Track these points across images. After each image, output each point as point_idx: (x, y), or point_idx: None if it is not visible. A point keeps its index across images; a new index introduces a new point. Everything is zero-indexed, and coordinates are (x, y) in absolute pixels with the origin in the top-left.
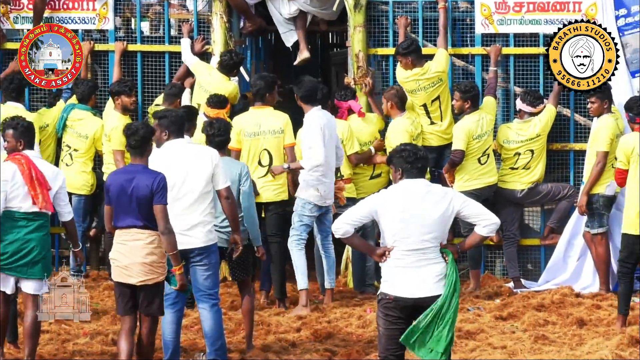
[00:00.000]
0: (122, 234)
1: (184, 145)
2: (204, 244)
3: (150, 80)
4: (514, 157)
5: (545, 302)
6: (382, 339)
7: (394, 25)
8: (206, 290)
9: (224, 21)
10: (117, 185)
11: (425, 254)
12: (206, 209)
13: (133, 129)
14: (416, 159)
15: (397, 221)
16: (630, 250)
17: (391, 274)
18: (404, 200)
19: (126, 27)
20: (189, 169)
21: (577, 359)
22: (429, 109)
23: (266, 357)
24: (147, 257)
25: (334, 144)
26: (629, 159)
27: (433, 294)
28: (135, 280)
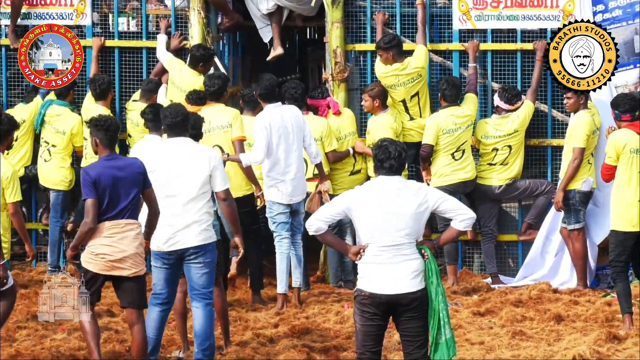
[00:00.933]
0: (110, 226)
1: (185, 143)
2: (199, 243)
3: (127, 76)
4: (492, 152)
5: (522, 297)
6: (359, 336)
7: (371, 21)
8: (200, 289)
9: (202, 17)
10: (105, 178)
11: (401, 250)
12: (202, 208)
13: (102, 121)
14: (391, 157)
15: (372, 218)
16: (621, 247)
17: (367, 270)
18: (378, 196)
19: (103, 22)
20: (185, 168)
21: (555, 355)
22: (408, 104)
23: (244, 353)
24: (139, 248)
25: (293, 141)
26: (619, 155)
27: (409, 291)
28: (127, 272)
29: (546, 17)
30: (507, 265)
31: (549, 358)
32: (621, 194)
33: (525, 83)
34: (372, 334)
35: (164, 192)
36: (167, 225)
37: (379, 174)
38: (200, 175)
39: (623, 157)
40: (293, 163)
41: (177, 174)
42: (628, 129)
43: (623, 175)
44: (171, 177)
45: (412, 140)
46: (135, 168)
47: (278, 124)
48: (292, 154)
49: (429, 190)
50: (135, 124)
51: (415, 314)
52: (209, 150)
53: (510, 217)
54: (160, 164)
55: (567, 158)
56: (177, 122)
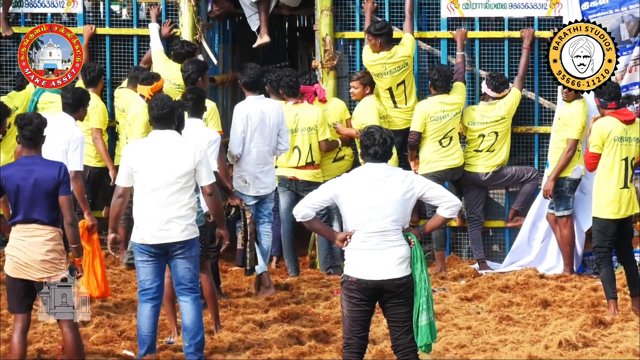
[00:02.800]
0: (21, 229)
1: (170, 136)
2: (185, 238)
3: (118, 64)
4: (478, 139)
5: (509, 283)
6: (346, 321)
7: (360, 9)
8: (187, 284)
9: (192, 5)
10: (14, 179)
11: (387, 236)
12: (188, 203)
13: (27, 119)
14: (375, 144)
15: (359, 205)
16: (603, 234)
17: (354, 256)
18: (365, 183)
19: (94, 10)
20: (169, 161)
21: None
22: (394, 92)
23: (234, 338)
24: (48, 254)
25: (269, 136)
26: (604, 143)
27: (395, 277)
28: (37, 276)
29: (533, 5)
30: (494, 252)
31: (536, 343)
32: (604, 181)
33: (512, 70)
34: (359, 319)
35: (148, 186)
36: (152, 218)
37: (366, 161)
38: (183, 168)
39: (607, 145)
40: (265, 156)
41: (161, 167)
42: (612, 116)
43: (606, 163)
44: (155, 170)
45: (398, 128)
46: (49, 172)
47: (257, 117)
48: (265, 148)
49: (415, 177)
50: (121, 110)
51: (401, 299)
52: (194, 144)
53: (497, 203)
54: (144, 157)
55: (556, 146)
56: (163, 114)
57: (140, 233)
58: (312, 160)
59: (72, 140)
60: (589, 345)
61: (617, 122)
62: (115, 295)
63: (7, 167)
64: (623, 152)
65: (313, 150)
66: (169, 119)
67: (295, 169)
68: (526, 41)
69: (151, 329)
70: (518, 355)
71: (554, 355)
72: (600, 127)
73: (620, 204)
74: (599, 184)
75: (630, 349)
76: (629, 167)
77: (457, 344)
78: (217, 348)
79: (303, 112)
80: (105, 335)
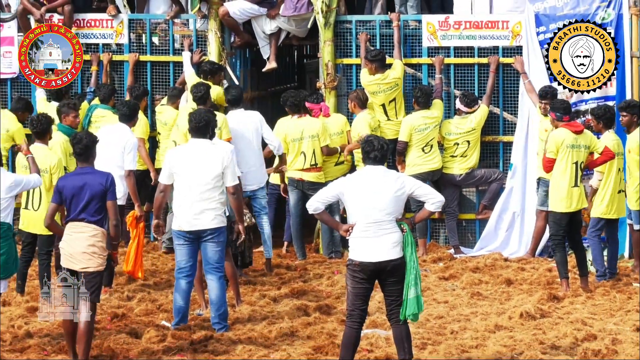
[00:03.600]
0: (71, 226)
1: (204, 144)
2: (214, 226)
3: (157, 84)
4: (454, 146)
5: (479, 265)
6: (350, 296)
7: (356, 39)
8: (214, 264)
9: (218, 37)
10: (69, 187)
11: (383, 225)
12: (217, 199)
13: (78, 138)
14: (374, 149)
15: (360, 200)
16: (558, 225)
17: (356, 243)
18: (366, 182)
19: (138, 41)
20: (203, 164)
21: (506, 312)
22: (387, 108)
23: (252, 310)
24: (89, 248)
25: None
26: (558, 150)
27: (390, 258)
28: (78, 266)
29: (498, 36)
30: (467, 239)
31: (501, 314)
32: (558, 181)
33: (481, 90)
34: (361, 294)
35: (186, 184)
36: (188, 210)
37: (367, 164)
38: (215, 171)
39: (561, 151)
40: (249, 158)
41: (196, 169)
42: (565, 128)
43: (560, 166)
44: (192, 172)
45: (388, 137)
46: (98, 181)
47: (238, 127)
48: (248, 151)
49: (406, 178)
50: (164, 124)
51: (396, 277)
52: (223, 151)
53: (469, 199)
54: (183, 161)
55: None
56: (200, 126)
57: (178, 222)
58: (316, 162)
59: (127, 145)
60: (545, 316)
61: (569, 133)
62: (155, 275)
63: (63, 177)
64: (574, 157)
65: (316, 154)
66: (204, 130)
67: (301, 172)
68: (492, 66)
69: (185, 301)
70: (486, 324)
71: (516, 325)
72: (555, 136)
73: (571, 200)
74: (555, 184)
75: (579, 319)
76: (578, 170)
77: (436, 315)
78: (238, 319)
79: (307, 124)
80: (147, 308)
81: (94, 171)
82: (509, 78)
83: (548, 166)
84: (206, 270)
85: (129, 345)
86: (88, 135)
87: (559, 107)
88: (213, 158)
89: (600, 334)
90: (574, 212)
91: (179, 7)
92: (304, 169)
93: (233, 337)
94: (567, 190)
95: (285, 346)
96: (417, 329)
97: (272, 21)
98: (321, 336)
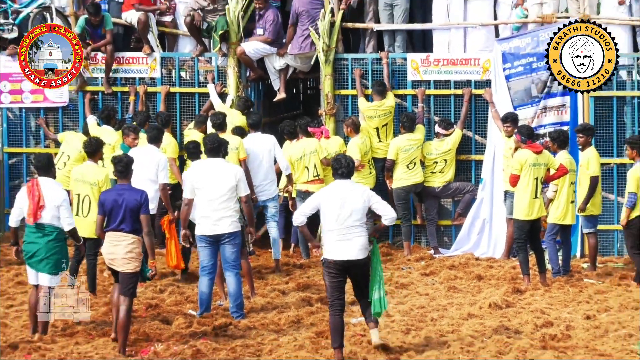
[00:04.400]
0: (112, 235)
1: (219, 162)
2: (231, 230)
3: (185, 112)
4: (433, 164)
5: (455, 263)
6: (329, 289)
7: (352, 74)
8: (232, 262)
9: (236, 71)
10: (110, 201)
11: (352, 230)
12: (232, 207)
13: (119, 158)
14: (341, 167)
15: (333, 209)
16: (521, 230)
17: (331, 245)
18: (337, 195)
19: (169, 75)
20: (219, 180)
21: (477, 303)
22: (380, 131)
23: (265, 301)
24: (127, 254)
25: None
26: (522, 168)
27: (358, 258)
28: (119, 269)
29: (470, 72)
30: (444, 242)
31: (473, 304)
32: (522, 194)
33: (456, 116)
34: (337, 287)
35: (207, 197)
36: (209, 218)
37: (336, 178)
38: (229, 184)
39: (524, 169)
40: (260, 174)
41: (214, 184)
42: (528, 149)
43: (523, 181)
44: (211, 186)
45: (381, 156)
46: (134, 197)
47: (255, 147)
48: (261, 168)
49: (369, 192)
50: None
51: (362, 272)
52: (235, 168)
53: (446, 208)
54: (203, 177)
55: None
56: (214, 147)
57: (201, 228)
58: (318, 174)
59: (160, 163)
60: (510, 306)
61: (531, 153)
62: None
63: (105, 192)
64: (535, 174)
65: (318, 167)
66: (218, 150)
67: (307, 184)
68: (466, 96)
69: (208, 294)
70: (461, 313)
71: (486, 313)
72: (519, 157)
73: (532, 209)
74: (519, 196)
75: (538, 308)
76: (539, 184)
77: (418, 305)
78: (253, 308)
79: (306, 144)
80: (176, 300)
81: (131, 188)
82: (480, 106)
83: (514, 181)
84: (225, 268)
85: (161, 330)
86: (127, 156)
87: (524, 132)
88: (227, 173)
89: (556, 321)
90: (535, 219)
91: (203, 46)
92: (309, 181)
93: (248, 323)
94: (529, 202)
95: (292, 331)
96: (402, 317)
97: (281, 59)
98: (322, 323)
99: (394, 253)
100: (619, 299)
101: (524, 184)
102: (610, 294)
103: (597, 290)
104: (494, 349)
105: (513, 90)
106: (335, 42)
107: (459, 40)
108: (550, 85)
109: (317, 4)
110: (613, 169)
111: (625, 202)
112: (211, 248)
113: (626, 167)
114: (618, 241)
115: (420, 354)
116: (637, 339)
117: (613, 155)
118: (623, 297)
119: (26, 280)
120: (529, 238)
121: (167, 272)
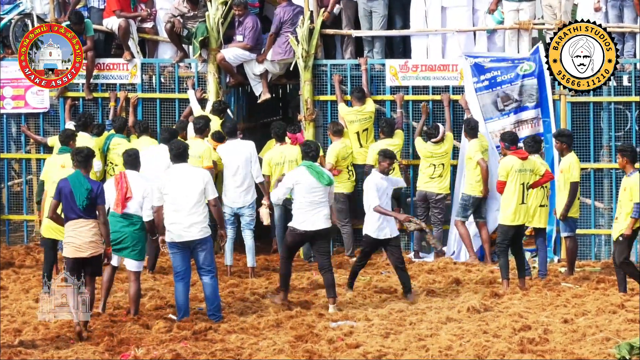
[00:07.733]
0: (73, 223)
1: (185, 167)
2: (201, 237)
3: (165, 117)
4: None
5: (434, 267)
6: (285, 248)
7: (331, 80)
8: (206, 267)
9: (216, 77)
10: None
11: (318, 204)
12: (202, 213)
13: (79, 149)
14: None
15: (304, 186)
16: (504, 235)
17: (300, 215)
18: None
19: (149, 81)
20: (187, 184)
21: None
22: (360, 136)
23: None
24: (93, 237)
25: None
26: (508, 174)
27: (323, 227)
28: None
29: (448, 77)
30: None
31: (452, 308)
32: (507, 200)
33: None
34: (294, 249)
35: (176, 203)
36: (180, 224)
37: (306, 160)
38: (197, 189)
39: (511, 175)
40: (239, 180)
41: (182, 189)
42: (513, 155)
43: (510, 187)
44: (179, 191)
45: (361, 162)
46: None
47: (232, 154)
48: (238, 175)
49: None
50: None
51: (325, 240)
52: (202, 172)
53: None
54: (171, 183)
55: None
56: (179, 153)
57: (171, 235)
58: None
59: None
60: (488, 310)
61: (517, 159)
62: (162, 276)
63: (64, 179)
64: (521, 179)
65: None
66: (183, 156)
67: None
68: (445, 102)
69: (185, 299)
70: (439, 317)
71: (464, 317)
72: (505, 163)
73: (518, 215)
74: (505, 201)
75: (516, 312)
76: (525, 189)
77: (397, 309)
78: (232, 312)
79: (287, 151)
80: (156, 304)
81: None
82: (456, 111)
83: (501, 188)
84: (200, 274)
85: (142, 335)
86: (87, 148)
87: (508, 138)
88: (195, 177)
89: (534, 325)
90: (519, 225)
91: (183, 52)
92: None
93: (228, 327)
94: (515, 207)
95: (271, 335)
96: (381, 320)
97: (260, 65)
98: (302, 327)
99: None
100: (596, 303)
101: (511, 190)
102: (588, 298)
103: (574, 294)
104: (472, 353)
105: (482, 103)
106: (315, 48)
107: (437, 46)
108: (519, 99)
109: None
110: (590, 173)
111: (630, 213)
112: (182, 253)
113: (603, 172)
114: (595, 245)
115: (399, 357)
116: (614, 343)
117: (590, 160)
118: (600, 301)
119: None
120: (511, 243)
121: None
